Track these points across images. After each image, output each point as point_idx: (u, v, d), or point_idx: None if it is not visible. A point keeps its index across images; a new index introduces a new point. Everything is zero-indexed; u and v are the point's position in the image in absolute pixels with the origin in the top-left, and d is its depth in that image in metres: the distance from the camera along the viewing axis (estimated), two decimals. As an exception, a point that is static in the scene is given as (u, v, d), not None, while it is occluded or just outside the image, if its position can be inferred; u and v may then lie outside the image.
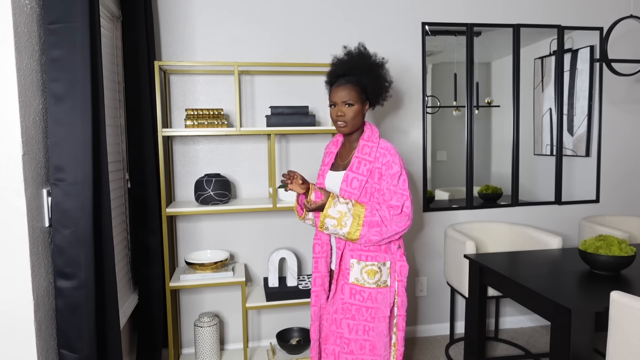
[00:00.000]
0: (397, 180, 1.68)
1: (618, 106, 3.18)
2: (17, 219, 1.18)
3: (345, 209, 1.66)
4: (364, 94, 1.74)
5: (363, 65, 1.74)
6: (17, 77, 1.16)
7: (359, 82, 1.73)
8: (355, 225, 1.65)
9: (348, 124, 1.73)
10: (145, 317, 2.32)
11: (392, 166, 1.69)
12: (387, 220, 1.66)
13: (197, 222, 2.68)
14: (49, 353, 1.29)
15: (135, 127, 2.26)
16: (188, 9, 2.58)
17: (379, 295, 1.73)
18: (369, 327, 1.73)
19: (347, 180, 1.72)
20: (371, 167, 1.70)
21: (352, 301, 1.74)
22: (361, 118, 1.76)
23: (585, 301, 1.72)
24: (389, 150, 1.72)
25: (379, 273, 1.74)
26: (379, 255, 1.74)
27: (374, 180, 1.71)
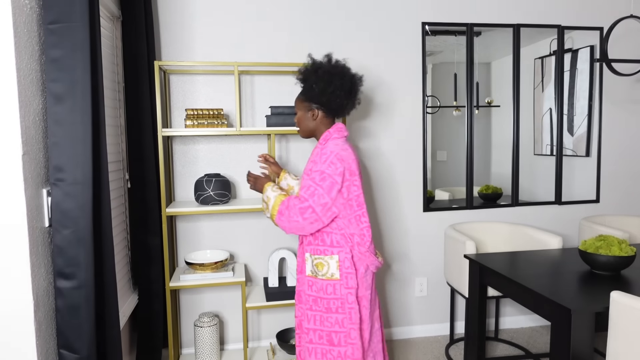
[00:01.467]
0: (317, 176, 1.77)
1: (618, 106, 3.18)
2: (17, 219, 1.18)
3: (272, 195, 1.89)
4: (308, 101, 1.89)
5: (306, 74, 1.89)
6: (17, 77, 1.16)
7: (304, 92, 1.90)
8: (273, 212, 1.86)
9: (300, 129, 1.96)
10: (145, 317, 2.32)
11: (318, 164, 1.79)
12: (288, 206, 1.80)
13: (197, 222, 2.68)
14: (48, 353, 1.29)
15: (135, 127, 2.26)
16: (188, 9, 2.58)
17: (328, 287, 1.84)
18: (324, 317, 1.85)
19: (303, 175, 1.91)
20: (312, 166, 1.83)
21: (310, 292, 1.88)
22: (310, 123, 1.92)
23: (585, 301, 1.72)
24: (323, 149, 1.83)
25: (326, 266, 1.84)
26: (326, 249, 1.85)
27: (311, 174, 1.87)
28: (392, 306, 2.98)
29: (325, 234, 1.85)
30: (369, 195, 2.89)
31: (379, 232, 2.92)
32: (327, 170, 1.76)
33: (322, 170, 1.77)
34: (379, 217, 2.91)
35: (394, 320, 2.99)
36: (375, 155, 2.87)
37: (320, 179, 1.76)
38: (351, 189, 1.81)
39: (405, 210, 2.94)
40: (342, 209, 1.81)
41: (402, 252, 2.96)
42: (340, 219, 1.83)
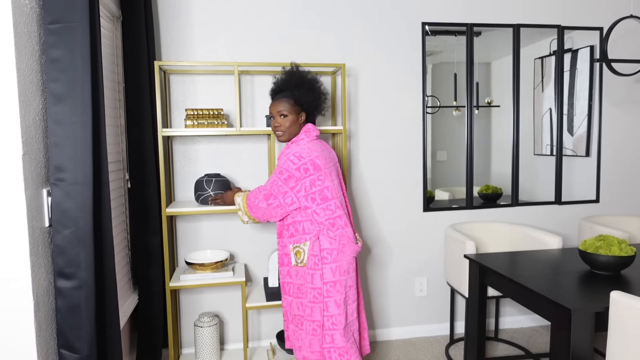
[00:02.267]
0: (276, 170, 1.95)
1: (618, 106, 3.18)
2: (17, 219, 1.18)
3: (239, 200, 2.12)
4: (297, 105, 2.00)
5: (295, 80, 2.02)
6: (17, 77, 1.16)
7: (293, 96, 2.00)
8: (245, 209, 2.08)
9: (285, 133, 2.02)
10: (145, 317, 2.32)
11: (280, 163, 1.96)
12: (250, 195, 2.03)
13: (197, 222, 2.68)
14: (49, 353, 1.29)
15: (135, 127, 2.26)
16: (188, 9, 2.58)
17: (299, 272, 1.99)
18: (298, 302, 2.01)
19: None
20: (277, 164, 2.00)
21: (293, 281, 2.04)
22: (297, 127, 2.02)
23: (585, 301, 1.72)
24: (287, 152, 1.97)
25: (302, 253, 1.97)
26: (301, 237, 1.98)
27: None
28: (392, 306, 2.98)
29: (298, 222, 1.98)
30: (367, 195, 2.89)
31: (379, 232, 2.92)
32: (284, 166, 1.92)
33: (279, 165, 1.94)
34: (379, 217, 2.91)
35: (394, 320, 2.99)
36: (375, 155, 2.87)
37: (278, 172, 1.93)
38: (315, 182, 1.92)
39: (405, 210, 2.94)
40: (305, 200, 1.93)
41: (402, 252, 2.96)
42: (309, 209, 1.94)
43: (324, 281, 1.93)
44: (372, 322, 2.96)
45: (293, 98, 2.00)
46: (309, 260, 1.94)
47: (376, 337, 2.97)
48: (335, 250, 1.94)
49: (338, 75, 2.72)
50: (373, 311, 2.96)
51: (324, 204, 1.94)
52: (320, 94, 2.06)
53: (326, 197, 1.94)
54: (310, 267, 1.94)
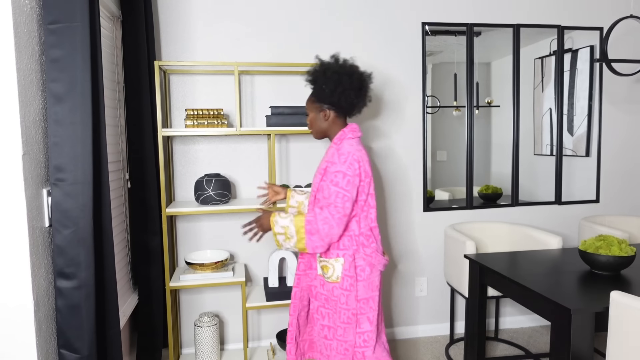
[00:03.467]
0: (335, 178, 1.74)
1: (618, 106, 3.18)
2: (17, 219, 1.18)
3: (287, 222, 1.78)
4: (319, 102, 1.88)
5: (316, 76, 1.88)
6: (17, 77, 1.16)
7: (315, 92, 1.88)
8: (299, 238, 1.76)
9: (312, 131, 1.94)
10: (145, 317, 2.32)
11: (335, 164, 1.76)
12: (317, 222, 1.73)
13: (197, 222, 2.68)
14: (49, 353, 1.29)
15: (135, 127, 2.26)
16: (188, 8, 2.58)
17: (335, 290, 1.82)
18: (335, 317, 1.84)
19: (314, 177, 1.89)
20: (325, 166, 1.82)
21: (322, 291, 1.87)
22: (323, 124, 1.90)
23: (585, 301, 1.72)
24: (340, 150, 1.80)
25: (331, 269, 1.82)
26: (332, 252, 1.83)
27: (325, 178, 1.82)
28: (392, 306, 2.98)
29: None
30: (369, 195, 2.89)
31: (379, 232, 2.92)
32: (348, 172, 1.74)
33: (342, 171, 1.74)
34: (379, 217, 2.91)
35: (394, 320, 2.99)
36: (375, 155, 2.87)
37: (344, 182, 1.74)
38: (364, 189, 1.80)
39: (405, 210, 2.94)
40: (355, 208, 1.81)
41: (402, 252, 2.96)
42: (354, 217, 1.82)
43: (358, 299, 1.81)
44: (372, 322, 2.96)
45: (315, 95, 1.89)
46: (343, 280, 1.80)
47: (376, 337, 2.97)
48: (369, 267, 1.83)
49: (338, 75, 2.72)
50: (373, 311, 2.95)
51: (367, 212, 1.83)
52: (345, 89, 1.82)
53: (370, 204, 1.84)
54: (346, 287, 1.80)
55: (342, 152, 1.78)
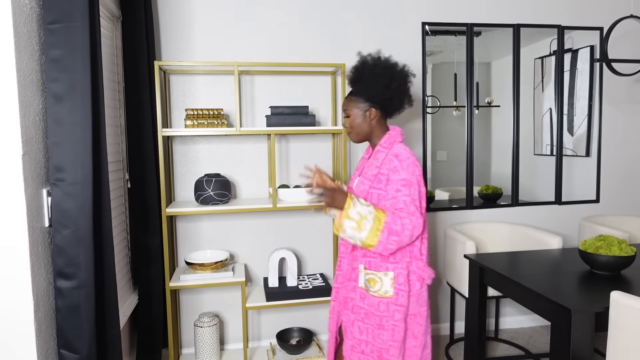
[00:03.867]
0: (403, 187, 1.61)
1: (618, 106, 3.18)
2: (17, 219, 1.18)
3: (365, 211, 1.60)
4: (362, 102, 1.73)
5: (362, 72, 1.74)
6: (17, 77, 1.16)
7: (357, 91, 1.74)
8: (374, 230, 1.58)
9: (352, 133, 1.77)
10: (145, 317, 2.32)
11: (399, 172, 1.62)
12: (402, 225, 1.58)
13: (197, 222, 2.68)
14: (48, 353, 1.29)
15: (135, 127, 2.26)
16: (188, 9, 2.58)
17: (380, 305, 1.68)
18: (376, 333, 1.69)
19: (359, 184, 1.73)
20: (377, 172, 1.68)
21: (362, 305, 1.73)
22: (366, 126, 1.74)
23: (585, 301, 1.72)
24: (398, 155, 1.65)
25: (379, 283, 1.68)
26: (381, 265, 1.69)
27: (380, 186, 1.67)
28: (392, 306, 2.98)
29: None
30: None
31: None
32: (412, 179, 1.63)
33: (408, 178, 1.62)
34: (379, 217, 2.91)
35: (394, 320, 2.99)
36: (375, 155, 2.86)
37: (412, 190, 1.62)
38: (422, 193, 1.68)
39: (405, 210, 2.94)
40: None
41: (402, 252, 2.96)
42: None
43: (410, 313, 1.69)
44: (372, 322, 2.96)
45: (357, 94, 1.74)
46: (397, 295, 1.66)
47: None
48: (419, 282, 1.70)
49: (338, 75, 2.72)
50: (373, 311, 2.95)
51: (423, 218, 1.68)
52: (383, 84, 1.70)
53: (423, 208, 1.69)
54: (400, 303, 1.66)
55: (402, 158, 1.64)
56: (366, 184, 1.70)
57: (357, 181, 1.76)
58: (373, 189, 1.68)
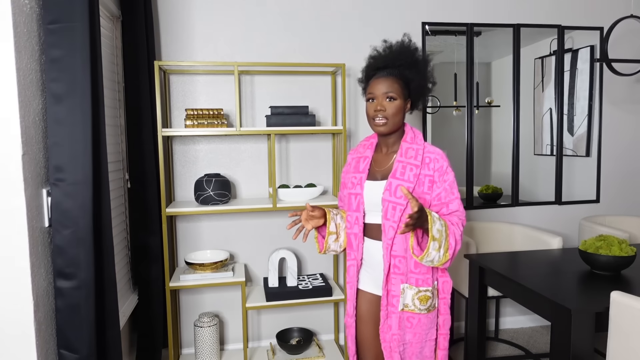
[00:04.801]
0: (454, 189, 1.53)
1: (618, 106, 3.18)
2: (17, 219, 1.18)
3: (440, 224, 1.41)
4: (406, 89, 1.55)
5: (406, 57, 1.55)
6: (16, 77, 1.16)
7: (402, 76, 1.55)
8: (446, 245, 1.43)
9: (388, 122, 1.52)
10: (145, 317, 2.32)
11: (447, 173, 1.51)
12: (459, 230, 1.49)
13: (197, 222, 2.68)
14: (48, 353, 1.29)
15: (135, 127, 2.26)
16: (188, 9, 2.58)
17: (426, 320, 1.55)
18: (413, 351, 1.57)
19: (391, 188, 1.50)
20: (418, 172, 1.50)
21: (399, 331, 1.54)
22: (402, 117, 1.57)
23: (585, 301, 1.72)
24: (442, 155, 1.54)
25: (431, 298, 1.54)
26: (429, 278, 1.54)
27: (423, 188, 1.50)
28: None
29: None
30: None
31: (379, 232, 2.91)
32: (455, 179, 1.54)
33: (454, 180, 1.53)
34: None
35: (394, 320, 2.99)
36: (375, 155, 2.86)
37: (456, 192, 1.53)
38: None
39: (405, 210, 2.94)
40: None
41: (402, 252, 2.96)
42: None
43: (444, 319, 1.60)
44: (372, 322, 2.96)
45: (402, 79, 1.54)
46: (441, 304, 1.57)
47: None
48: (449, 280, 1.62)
49: (338, 75, 2.72)
50: (373, 311, 2.95)
51: None
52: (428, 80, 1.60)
53: None
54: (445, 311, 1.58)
55: (446, 158, 1.54)
56: (407, 187, 1.49)
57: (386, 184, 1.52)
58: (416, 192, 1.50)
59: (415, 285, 1.52)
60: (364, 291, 1.67)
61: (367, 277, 1.66)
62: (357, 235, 1.60)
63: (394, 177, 1.51)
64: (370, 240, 1.61)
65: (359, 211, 1.59)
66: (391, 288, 1.53)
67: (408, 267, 1.52)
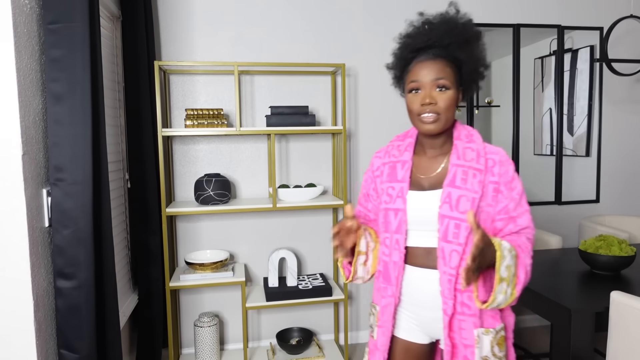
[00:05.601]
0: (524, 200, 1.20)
1: (618, 106, 3.18)
2: (17, 219, 1.18)
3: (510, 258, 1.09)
4: (458, 75, 1.19)
5: (458, 34, 1.18)
6: (17, 77, 1.16)
7: (452, 58, 1.18)
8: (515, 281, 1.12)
9: (440, 118, 1.16)
10: (145, 317, 2.32)
11: (515, 179, 1.18)
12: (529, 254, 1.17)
13: (197, 222, 2.68)
14: (48, 353, 1.29)
15: (135, 127, 2.26)
16: (188, 8, 2.58)
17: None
18: None
19: (451, 200, 1.14)
20: (483, 178, 1.15)
21: None
22: (455, 111, 1.21)
23: (585, 301, 1.72)
24: (506, 157, 1.20)
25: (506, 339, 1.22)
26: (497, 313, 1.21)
27: (487, 199, 1.17)
28: (392, 306, 2.97)
29: None
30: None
31: (379, 232, 2.91)
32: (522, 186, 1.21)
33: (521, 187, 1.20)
34: (379, 217, 2.90)
35: (394, 320, 2.99)
36: (375, 155, 2.86)
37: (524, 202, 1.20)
38: None
39: (405, 210, 2.93)
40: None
41: (402, 252, 2.95)
42: None
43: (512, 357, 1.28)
44: (372, 322, 2.96)
45: (454, 62, 1.18)
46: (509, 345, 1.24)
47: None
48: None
49: (338, 75, 2.72)
50: (373, 311, 2.95)
51: None
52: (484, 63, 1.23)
53: None
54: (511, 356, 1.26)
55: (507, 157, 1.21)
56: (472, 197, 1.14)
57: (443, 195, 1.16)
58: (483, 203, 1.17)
59: (491, 327, 1.17)
60: (403, 340, 1.27)
61: (408, 319, 1.27)
62: (396, 263, 1.22)
63: (452, 186, 1.15)
64: (414, 269, 1.22)
65: (400, 232, 1.21)
66: (461, 336, 1.15)
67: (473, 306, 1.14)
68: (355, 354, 2.77)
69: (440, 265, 1.16)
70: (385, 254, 1.25)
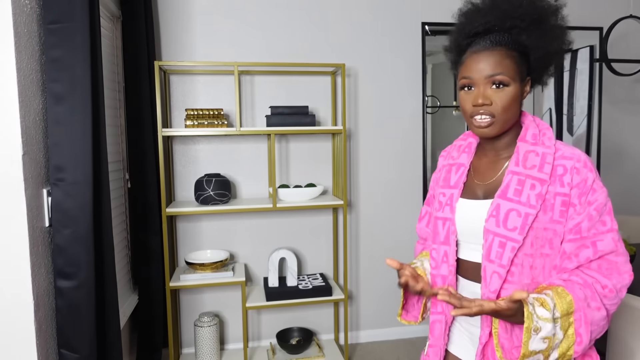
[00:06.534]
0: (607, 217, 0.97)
1: (618, 106, 3.18)
2: (17, 219, 1.18)
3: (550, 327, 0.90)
4: (524, 64, 1.01)
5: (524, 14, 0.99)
6: (17, 77, 1.16)
7: (516, 44, 1.00)
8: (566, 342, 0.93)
9: (496, 120, 0.99)
10: (145, 316, 2.32)
11: (595, 191, 0.96)
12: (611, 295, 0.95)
13: (197, 222, 2.68)
14: (49, 353, 1.30)
15: (135, 127, 2.26)
16: (188, 9, 2.58)
17: None
18: None
19: (498, 214, 0.99)
20: (544, 190, 0.97)
21: None
22: (518, 109, 1.02)
23: (585, 301, 1.71)
24: (584, 162, 0.98)
25: None
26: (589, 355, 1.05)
27: (552, 214, 0.97)
28: (393, 306, 2.98)
29: None
30: (367, 195, 2.89)
31: (379, 232, 2.92)
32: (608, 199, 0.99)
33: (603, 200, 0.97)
34: (379, 217, 2.91)
35: (394, 319, 2.99)
36: (375, 155, 2.86)
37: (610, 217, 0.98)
38: None
39: (405, 210, 2.94)
40: None
41: (402, 251, 2.96)
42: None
43: None
44: (373, 322, 2.96)
45: (518, 49, 1.00)
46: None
47: (376, 337, 2.97)
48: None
49: (338, 75, 2.73)
50: (374, 311, 2.95)
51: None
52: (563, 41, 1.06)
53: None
54: None
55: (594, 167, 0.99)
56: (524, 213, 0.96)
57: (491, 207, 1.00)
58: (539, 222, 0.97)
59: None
60: (455, 356, 1.13)
61: (462, 335, 1.12)
62: (445, 277, 1.08)
63: (503, 198, 0.99)
64: (467, 283, 1.08)
65: (447, 244, 1.08)
66: None
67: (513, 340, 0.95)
68: (355, 354, 2.78)
69: (482, 287, 1.01)
70: (433, 266, 1.12)
